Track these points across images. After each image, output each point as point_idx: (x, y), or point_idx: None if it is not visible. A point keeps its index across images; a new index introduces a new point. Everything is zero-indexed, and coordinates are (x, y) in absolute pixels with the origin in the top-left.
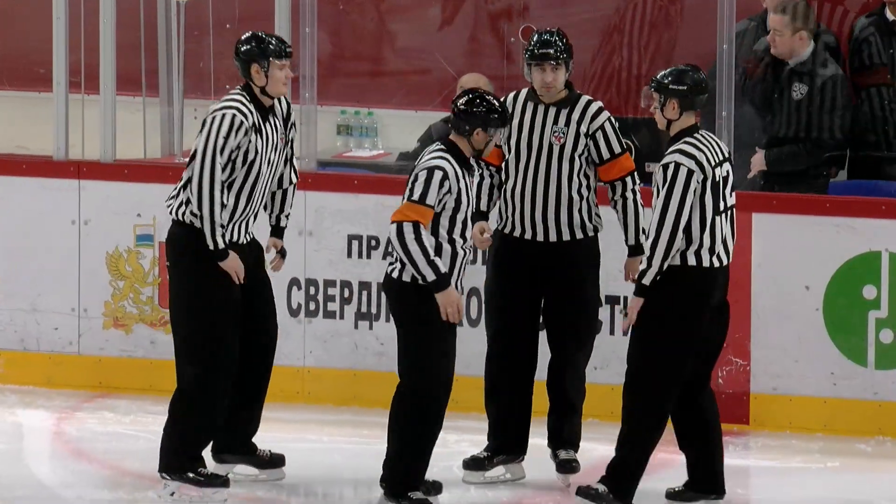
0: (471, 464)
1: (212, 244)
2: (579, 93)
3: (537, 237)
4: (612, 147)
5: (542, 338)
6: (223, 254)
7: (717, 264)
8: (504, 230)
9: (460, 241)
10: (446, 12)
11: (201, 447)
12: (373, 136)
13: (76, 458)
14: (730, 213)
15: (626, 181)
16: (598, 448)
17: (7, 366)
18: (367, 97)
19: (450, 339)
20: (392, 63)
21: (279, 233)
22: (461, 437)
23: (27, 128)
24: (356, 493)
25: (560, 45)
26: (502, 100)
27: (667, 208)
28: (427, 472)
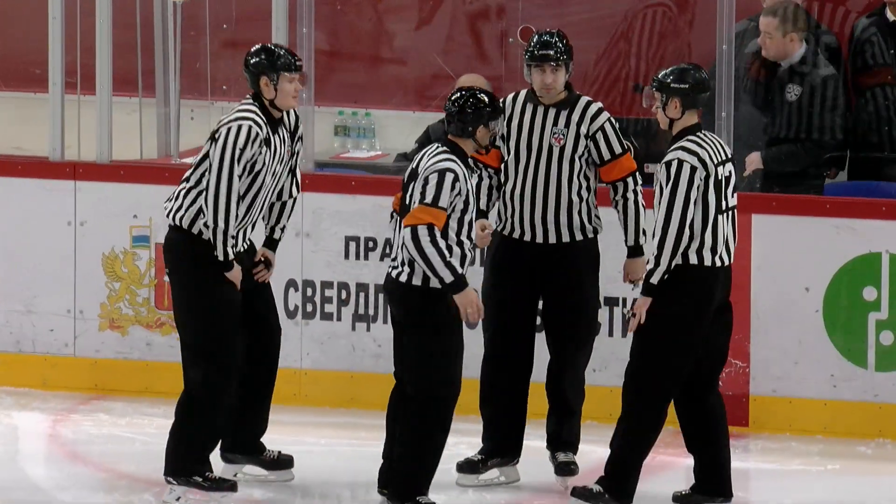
0: (465, 467)
1: (221, 255)
2: (579, 94)
3: (537, 239)
4: (612, 148)
5: (540, 339)
6: (230, 265)
7: (718, 264)
8: (503, 232)
9: (467, 243)
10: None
11: (209, 450)
12: (370, 136)
13: (72, 461)
14: (731, 213)
15: (628, 182)
16: (596, 450)
17: (2, 368)
18: (365, 98)
19: (460, 342)
20: (390, 63)
21: (272, 245)
22: (459, 440)
23: (23, 128)
24: (353, 495)
25: (560, 46)
26: (501, 101)
27: (672, 205)
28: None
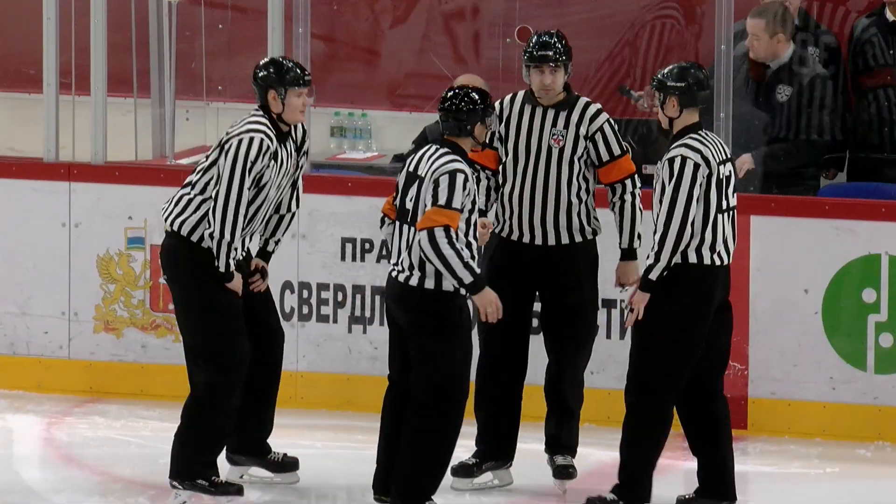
0: (459, 470)
1: (223, 267)
2: (577, 94)
3: (535, 241)
4: (611, 149)
5: (537, 342)
6: (231, 276)
7: (717, 262)
8: (501, 233)
9: (474, 243)
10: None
11: (216, 453)
12: (367, 137)
13: (66, 464)
14: (732, 213)
15: (626, 183)
16: (594, 453)
17: None
18: (361, 98)
19: (471, 344)
20: (386, 64)
21: (265, 257)
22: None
23: (17, 129)
24: (350, 497)
25: (559, 46)
26: (498, 102)
27: (675, 202)
28: None
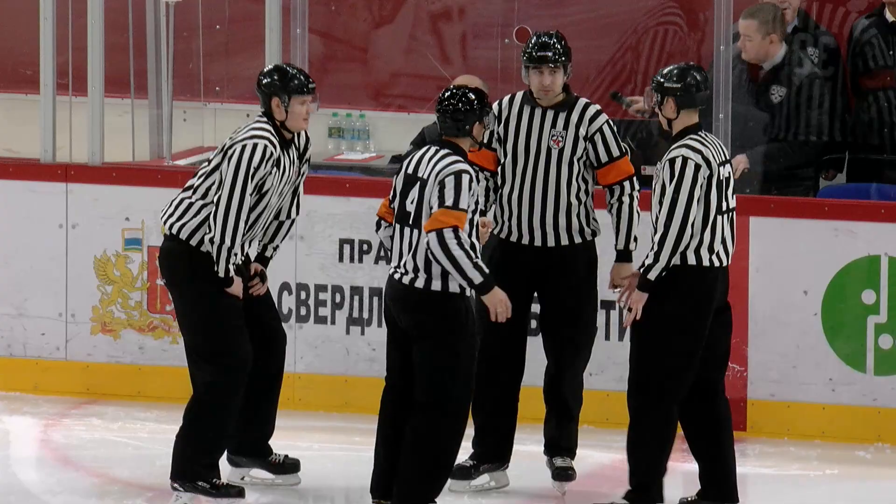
0: (456, 472)
1: (222, 272)
2: (577, 95)
3: (535, 242)
4: (610, 150)
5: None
6: (230, 282)
7: (716, 264)
8: (500, 235)
9: (477, 244)
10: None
11: (218, 454)
12: (365, 138)
13: (63, 466)
14: (731, 215)
15: (625, 185)
16: (593, 455)
17: None
18: (359, 99)
19: (475, 346)
20: (384, 65)
21: (263, 262)
22: None
23: (14, 130)
24: (348, 500)
25: (558, 47)
26: (497, 103)
27: (675, 202)
28: None
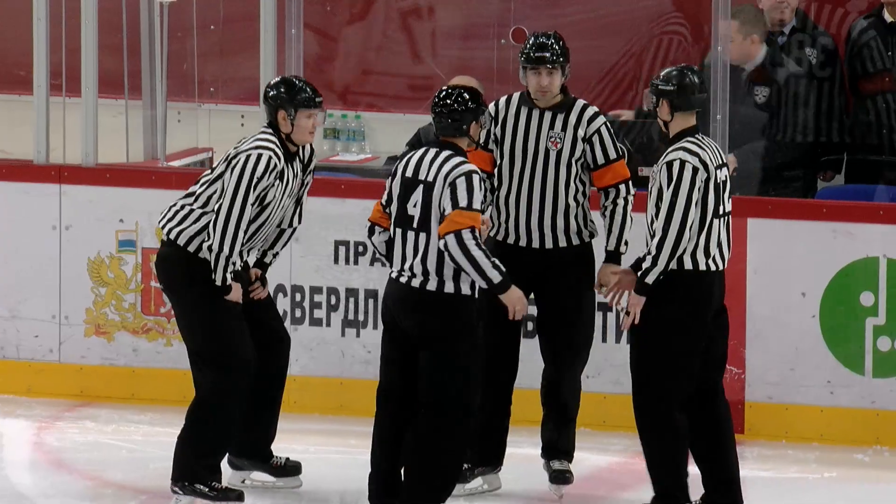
0: None
1: (220, 281)
2: (574, 97)
3: (532, 244)
4: (607, 152)
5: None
6: (227, 290)
7: (713, 268)
8: (497, 237)
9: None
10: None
11: (220, 456)
12: (360, 139)
13: (57, 469)
14: (727, 218)
15: (620, 188)
16: (590, 458)
17: None
18: (355, 100)
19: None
20: (380, 65)
21: (263, 267)
22: None
23: (7, 131)
24: (343, 503)
25: (556, 48)
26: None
27: (673, 206)
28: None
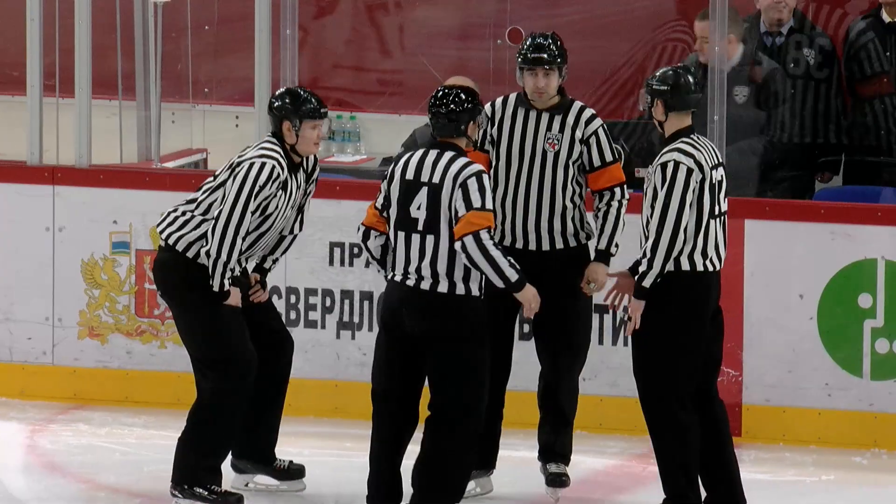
0: None
1: (217, 287)
2: (571, 98)
3: (529, 246)
4: (603, 154)
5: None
6: (225, 296)
7: (710, 268)
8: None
9: None
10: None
11: (221, 458)
12: (355, 140)
13: (50, 472)
14: (723, 218)
15: (615, 191)
16: (586, 461)
17: None
18: (350, 101)
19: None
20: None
21: (262, 273)
22: None
23: (0, 132)
24: None
25: (553, 49)
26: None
27: (667, 208)
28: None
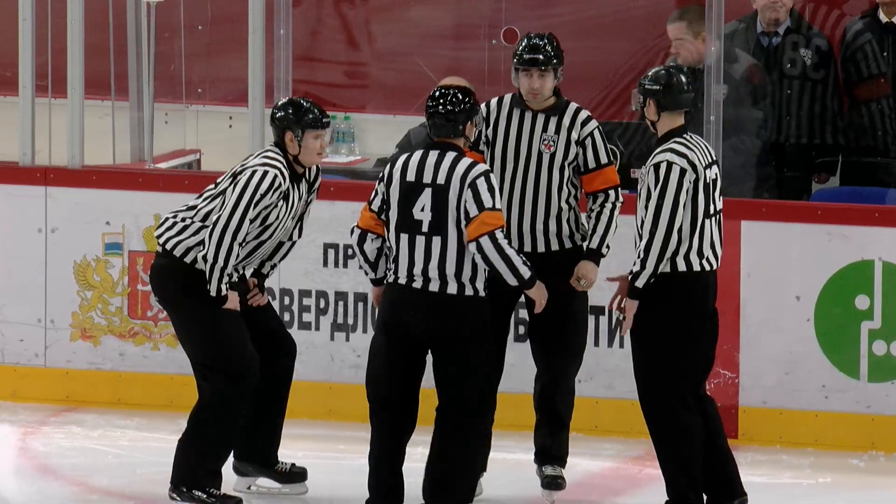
0: None
1: (214, 291)
2: (567, 99)
3: (524, 248)
4: (598, 156)
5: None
6: (223, 301)
7: (707, 268)
8: None
9: None
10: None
11: (222, 461)
12: (349, 141)
13: (42, 475)
14: (718, 217)
15: (609, 193)
16: (582, 463)
17: None
18: (344, 101)
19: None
20: (369, 66)
21: (260, 277)
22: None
23: None
24: None
25: (549, 49)
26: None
27: (660, 208)
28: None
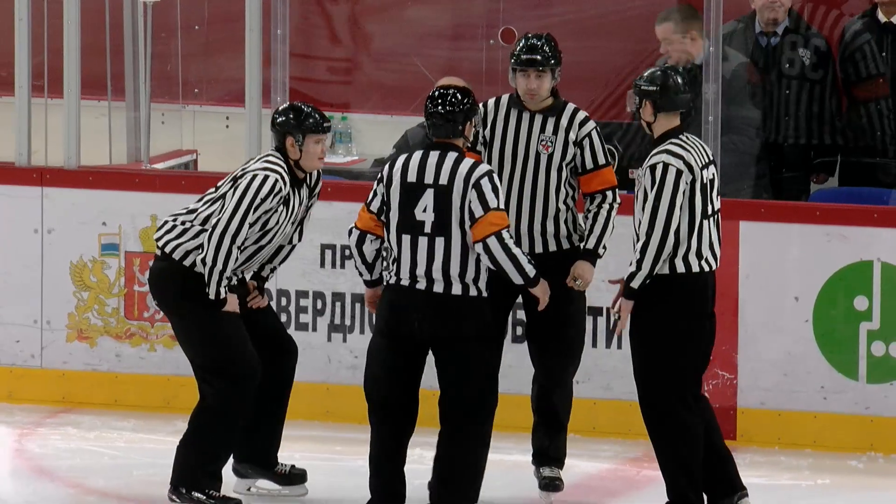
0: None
1: (213, 295)
2: (564, 100)
3: (522, 248)
4: (596, 157)
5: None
6: (222, 304)
7: (706, 268)
8: None
9: None
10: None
11: (222, 462)
12: (347, 141)
13: (38, 476)
14: (716, 217)
15: (607, 194)
16: (579, 464)
17: None
18: (342, 101)
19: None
20: (367, 66)
21: (260, 280)
22: (428, 453)
23: None
24: None
25: (546, 50)
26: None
27: (657, 210)
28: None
